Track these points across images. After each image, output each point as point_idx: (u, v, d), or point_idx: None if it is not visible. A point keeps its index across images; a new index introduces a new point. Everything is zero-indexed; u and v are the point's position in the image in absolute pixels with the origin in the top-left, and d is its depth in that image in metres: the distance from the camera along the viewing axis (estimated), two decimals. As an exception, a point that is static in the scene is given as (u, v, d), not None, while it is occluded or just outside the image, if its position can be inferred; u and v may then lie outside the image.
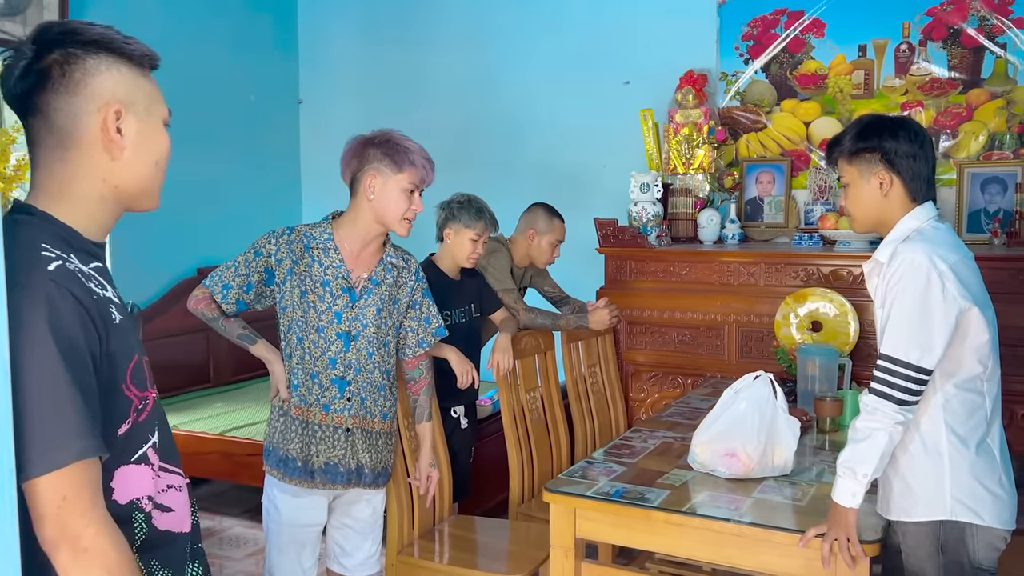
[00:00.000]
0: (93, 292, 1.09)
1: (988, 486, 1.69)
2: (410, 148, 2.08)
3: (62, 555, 1.02)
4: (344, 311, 2.08)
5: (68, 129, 1.12)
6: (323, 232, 2.11)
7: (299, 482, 2.10)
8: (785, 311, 3.09)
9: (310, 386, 2.09)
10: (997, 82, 3.49)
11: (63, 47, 1.12)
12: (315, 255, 2.08)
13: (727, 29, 3.98)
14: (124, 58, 1.15)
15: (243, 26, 4.73)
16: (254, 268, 2.11)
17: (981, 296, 1.71)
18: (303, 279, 2.07)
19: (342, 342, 2.09)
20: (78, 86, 1.11)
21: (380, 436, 2.18)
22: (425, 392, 2.32)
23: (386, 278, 2.15)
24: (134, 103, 1.15)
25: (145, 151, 1.17)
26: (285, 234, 2.12)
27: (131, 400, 1.14)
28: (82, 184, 1.14)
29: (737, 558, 1.92)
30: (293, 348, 2.11)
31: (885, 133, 1.78)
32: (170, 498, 1.23)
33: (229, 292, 2.12)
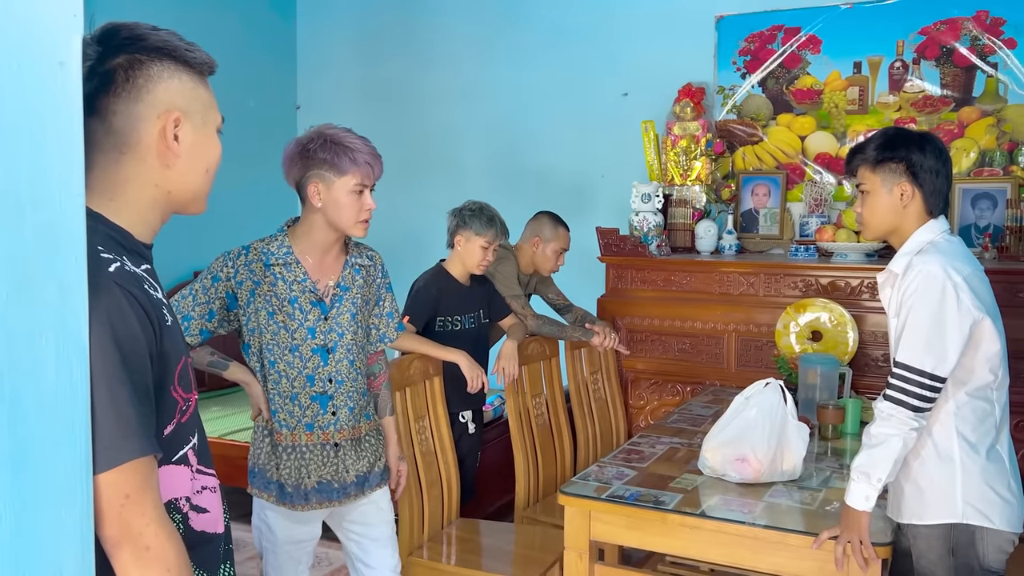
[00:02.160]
0: (148, 293, 1.10)
1: (998, 490, 1.75)
2: (350, 146, 1.94)
3: (124, 553, 1.03)
4: (317, 325, 1.98)
5: (126, 133, 1.13)
6: (280, 246, 1.99)
7: (293, 505, 2.01)
8: (785, 321, 3.15)
9: (291, 409, 1.99)
10: (988, 100, 3.58)
11: (129, 52, 1.12)
12: (277, 272, 1.96)
13: (725, 44, 4.05)
14: (185, 66, 1.16)
15: (242, 32, 4.74)
16: (214, 295, 1.98)
17: (992, 307, 1.78)
18: (268, 299, 1.95)
19: (319, 357, 1.98)
20: (140, 92, 1.12)
21: (370, 436, 2.11)
22: (386, 387, 2.22)
23: (355, 280, 2.05)
24: (192, 111, 1.17)
25: (198, 159, 1.19)
26: (242, 254, 1.99)
27: (177, 401, 1.15)
28: (135, 188, 1.15)
29: (750, 560, 1.97)
30: (267, 372, 1.98)
31: (913, 146, 1.84)
32: (205, 499, 1.25)
33: (191, 323, 1.97)
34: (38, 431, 0.89)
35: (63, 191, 0.92)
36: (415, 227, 4.58)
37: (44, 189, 0.89)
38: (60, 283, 0.91)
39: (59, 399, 0.92)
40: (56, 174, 0.91)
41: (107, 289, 1.04)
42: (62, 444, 0.92)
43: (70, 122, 0.92)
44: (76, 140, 0.93)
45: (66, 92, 0.91)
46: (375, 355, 2.19)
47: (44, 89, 0.89)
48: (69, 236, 0.93)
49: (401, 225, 4.74)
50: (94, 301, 1.00)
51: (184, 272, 4.43)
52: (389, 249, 4.62)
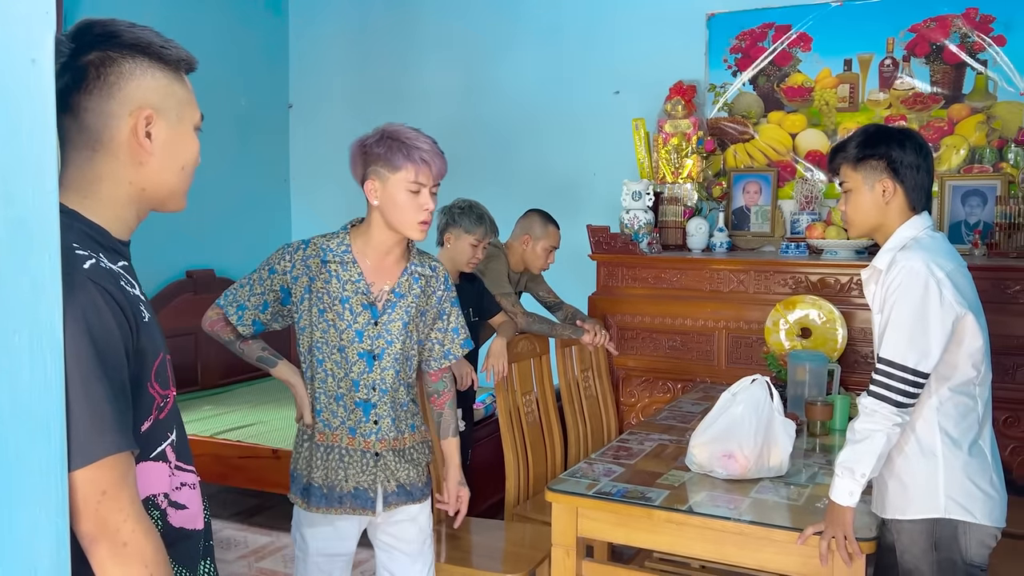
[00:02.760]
0: (125, 290, 1.10)
1: (980, 485, 1.76)
2: (408, 142, 1.88)
3: (101, 549, 1.03)
4: (366, 329, 1.91)
5: (97, 131, 1.12)
6: (340, 244, 1.93)
7: (324, 509, 1.94)
8: (775, 318, 3.16)
9: (334, 409, 1.94)
10: (978, 97, 3.59)
11: (101, 48, 1.11)
12: (332, 269, 1.91)
13: (716, 42, 4.06)
14: (160, 62, 1.15)
15: (234, 31, 4.74)
16: (269, 287, 1.95)
17: (975, 303, 1.79)
18: (321, 296, 1.91)
19: (364, 363, 1.92)
20: (112, 89, 1.11)
21: (415, 449, 2.02)
22: (449, 406, 2.13)
23: (412, 289, 1.97)
24: (166, 109, 1.15)
25: (172, 157, 1.17)
26: (300, 248, 1.94)
27: (154, 398, 1.15)
28: (109, 185, 1.14)
29: (737, 556, 1.97)
30: (315, 370, 1.95)
31: (892, 142, 1.84)
32: (184, 496, 1.25)
33: (244, 313, 1.96)
34: (12, 428, 0.89)
35: (36, 188, 0.92)
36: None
37: (17, 186, 0.89)
38: (33, 280, 0.91)
39: (33, 396, 0.92)
40: (29, 171, 0.91)
41: (82, 286, 1.03)
42: (37, 441, 0.92)
43: (43, 119, 0.92)
44: (49, 137, 0.93)
45: (39, 89, 0.91)
46: (439, 372, 2.10)
47: (16, 86, 0.89)
48: (43, 233, 0.93)
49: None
50: (69, 298, 0.99)
51: (177, 271, 4.43)
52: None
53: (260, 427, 3.78)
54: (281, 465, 3.55)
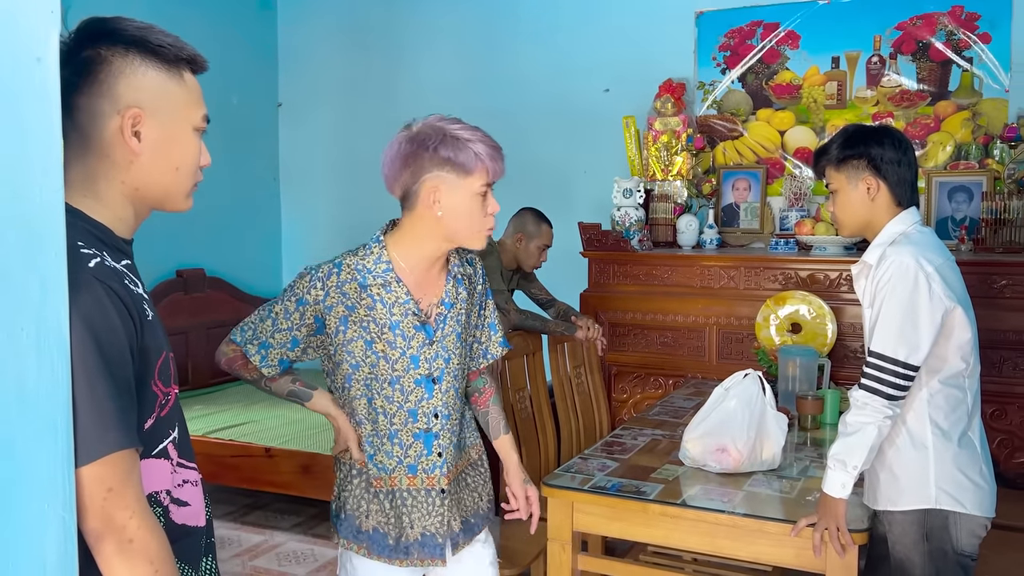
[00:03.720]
0: (129, 288, 1.10)
1: (970, 476, 1.79)
2: (471, 141, 1.65)
3: (107, 546, 1.03)
4: (421, 352, 1.68)
5: (87, 129, 1.11)
6: (378, 261, 1.69)
7: (391, 560, 1.72)
8: (765, 313, 3.18)
9: (389, 449, 1.70)
10: (963, 94, 3.63)
11: (95, 46, 1.11)
12: (375, 293, 1.66)
13: (705, 39, 4.08)
14: (156, 60, 1.14)
15: (223, 29, 4.73)
16: (299, 321, 1.69)
17: (963, 296, 1.81)
18: (366, 326, 1.66)
19: (423, 389, 1.69)
20: (101, 87, 1.10)
21: (471, 469, 1.84)
22: (494, 402, 1.93)
23: (459, 295, 1.75)
24: (158, 109, 1.14)
25: (164, 157, 1.16)
26: (333, 274, 1.68)
27: (156, 396, 1.15)
28: (104, 184, 1.14)
29: (731, 548, 1.99)
30: (362, 413, 1.70)
31: (871, 140, 1.88)
32: (186, 492, 1.26)
33: (270, 352, 1.70)
34: (19, 424, 0.90)
35: (43, 186, 0.92)
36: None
37: (23, 184, 0.90)
38: (41, 278, 0.92)
39: (40, 393, 0.93)
40: (35, 169, 0.91)
41: (87, 285, 1.04)
42: (44, 437, 0.93)
43: (48, 117, 0.93)
44: (55, 135, 0.94)
45: (44, 87, 0.92)
46: (477, 371, 1.91)
47: (22, 85, 0.90)
48: (49, 230, 0.93)
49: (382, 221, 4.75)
50: (75, 296, 1.00)
51: (167, 270, 4.42)
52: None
53: (252, 426, 3.78)
54: (274, 464, 3.56)
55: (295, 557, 3.40)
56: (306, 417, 3.88)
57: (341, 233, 5.02)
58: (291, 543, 3.54)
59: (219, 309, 4.65)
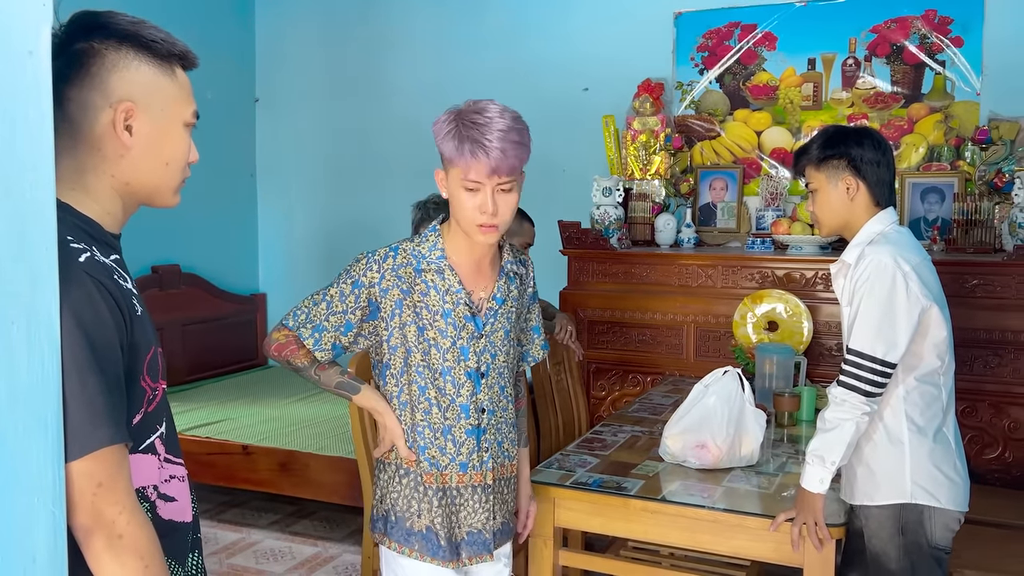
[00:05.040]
0: (119, 283, 1.10)
1: (945, 471, 1.83)
2: (470, 128, 1.57)
3: (97, 542, 1.03)
4: (471, 344, 1.67)
5: (78, 121, 1.11)
6: (433, 248, 1.68)
7: (444, 562, 1.68)
8: (743, 311, 3.22)
9: (443, 445, 1.68)
10: (936, 97, 3.69)
11: (87, 39, 1.10)
12: (429, 279, 1.66)
13: (683, 40, 4.11)
14: (149, 55, 1.13)
15: (200, 24, 4.68)
16: (353, 303, 1.67)
17: (939, 295, 1.85)
18: (419, 312, 1.66)
19: (472, 383, 1.68)
20: (94, 80, 1.10)
21: (512, 477, 1.82)
22: (521, 413, 1.89)
23: (510, 292, 1.74)
24: (149, 103, 1.14)
25: (155, 152, 1.16)
26: (390, 256, 1.68)
27: (144, 391, 1.15)
28: (93, 178, 1.14)
29: (710, 543, 2.02)
30: (415, 401, 1.68)
31: (851, 141, 1.91)
32: (173, 488, 1.25)
33: (323, 335, 1.68)
34: (10, 419, 0.89)
35: (34, 180, 0.92)
36: (377, 220, 4.58)
37: (14, 178, 0.89)
38: (31, 272, 0.92)
39: (31, 387, 0.92)
40: (26, 163, 0.91)
41: (78, 280, 1.03)
42: (34, 432, 0.93)
43: (40, 111, 0.92)
44: (46, 129, 0.93)
45: (35, 81, 0.92)
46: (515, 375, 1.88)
47: (13, 78, 0.89)
48: (40, 225, 0.93)
49: (363, 218, 4.74)
50: (65, 292, 1.00)
51: (142, 267, 4.37)
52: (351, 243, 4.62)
53: (229, 423, 3.76)
54: (251, 461, 3.53)
55: (272, 555, 3.39)
56: (284, 414, 3.87)
57: (318, 229, 5.00)
58: (268, 541, 3.52)
59: (194, 306, 4.61)
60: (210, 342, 4.64)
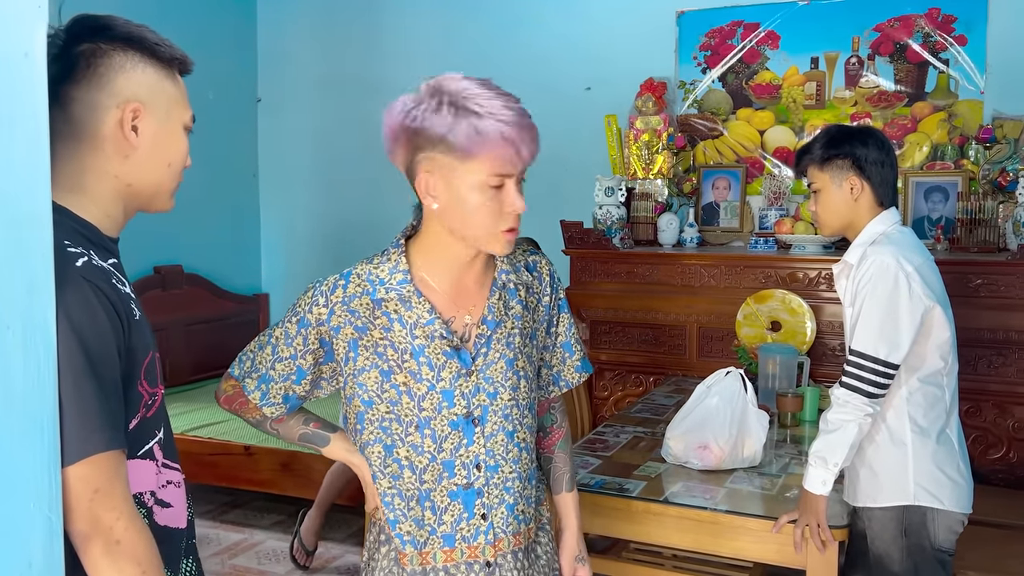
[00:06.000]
0: (116, 288, 1.10)
1: (948, 473, 1.82)
2: (478, 108, 1.25)
3: (94, 548, 1.02)
4: (456, 386, 1.30)
5: (84, 122, 1.11)
6: (394, 271, 1.32)
7: None
8: (746, 311, 3.21)
9: (419, 516, 1.32)
10: (940, 96, 3.68)
11: (93, 40, 1.11)
12: (391, 311, 1.31)
13: (685, 39, 4.10)
14: (152, 58, 1.15)
15: (201, 23, 4.68)
16: (302, 347, 1.35)
17: (942, 296, 1.84)
18: (381, 353, 1.31)
19: (460, 433, 1.31)
20: (101, 80, 1.11)
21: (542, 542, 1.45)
22: (562, 447, 1.53)
23: (509, 308, 1.36)
24: (155, 104, 1.15)
25: (159, 153, 1.17)
26: (339, 287, 1.33)
27: (142, 396, 1.15)
28: (94, 179, 1.14)
29: (713, 545, 2.01)
30: (378, 466, 1.34)
31: (855, 141, 1.90)
32: (170, 494, 1.25)
33: (271, 387, 1.38)
34: (6, 424, 0.89)
35: (29, 184, 0.92)
36: (380, 220, 4.57)
37: (9, 182, 0.89)
38: (27, 277, 0.91)
39: (27, 392, 0.92)
40: (22, 166, 0.90)
41: (75, 284, 1.03)
42: (30, 437, 0.92)
43: (35, 114, 0.92)
44: (42, 132, 0.93)
45: (31, 83, 0.91)
46: (547, 402, 1.53)
47: (8, 80, 0.88)
48: (36, 229, 0.93)
49: (365, 218, 4.74)
50: (62, 296, 1.00)
51: (144, 267, 4.37)
52: (354, 243, 4.63)
53: (231, 424, 3.75)
54: (253, 462, 3.54)
55: (274, 556, 3.39)
56: (286, 415, 3.86)
57: (321, 229, 5.00)
58: (270, 541, 3.52)
59: (197, 306, 4.61)
60: (213, 342, 4.64)
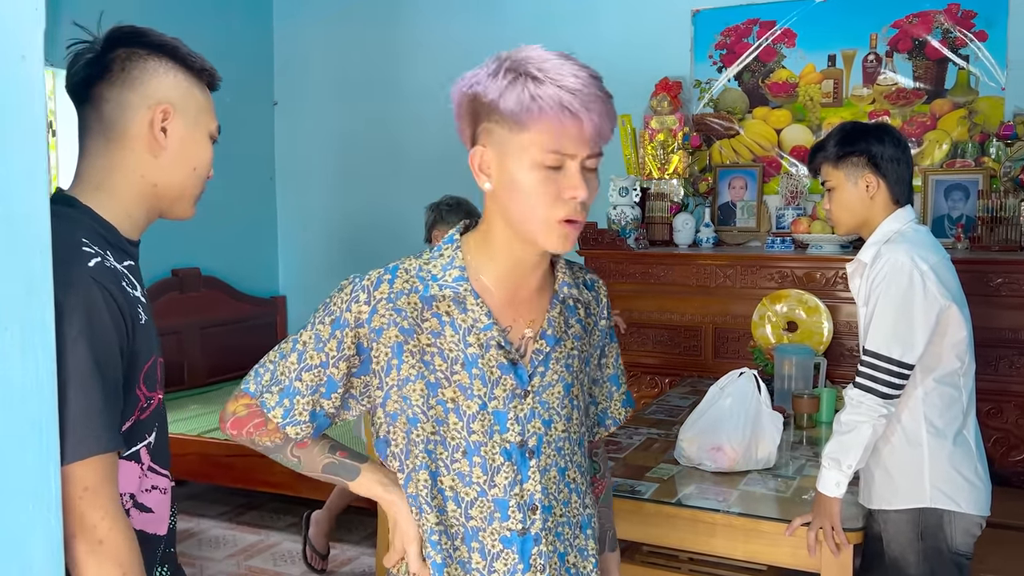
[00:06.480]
0: (125, 291, 1.12)
1: (965, 475, 1.79)
2: (540, 74, 1.06)
3: (78, 546, 1.03)
4: (510, 407, 1.12)
5: (115, 120, 1.17)
6: (449, 267, 1.14)
7: None
8: (761, 312, 3.18)
9: (464, 558, 1.13)
10: (960, 93, 3.63)
11: (128, 45, 1.17)
12: (443, 312, 1.13)
13: (701, 38, 4.08)
14: (184, 67, 1.21)
15: (218, 28, 4.71)
16: (335, 352, 1.15)
17: (959, 295, 1.81)
18: (427, 361, 1.12)
19: (515, 466, 1.12)
20: (134, 82, 1.17)
21: None
22: (604, 502, 1.36)
23: (569, 326, 1.19)
24: (184, 109, 1.20)
25: (185, 155, 1.22)
26: (384, 281, 1.15)
27: (138, 399, 1.17)
28: (120, 177, 1.18)
29: (726, 548, 1.99)
30: (426, 496, 1.14)
31: (871, 138, 1.87)
32: (152, 499, 1.25)
33: (296, 403, 1.17)
34: (4, 425, 0.89)
35: (27, 185, 0.91)
36: (397, 222, 4.58)
37: (8, 183, 0.89)
38: (26, 277, 0.91)
39: (26, 393, 0.91)
40: (20, 168, 0.90)
41: (84, 284, 1.05)
42: (28, 438, 0.92)
43: (33, 115, 0.92)
44: (39, 133, 0.93)
45: (29, 85, 0.91)
46: (593, 443, 1.35)
47: (6, 83, 0.89)
48: (34, 230, 0.92)
49: (382, 220, 4.75)
50: (70, 295, 1.02)
51: (162, 270, 4.41)
52: (371, 245, 4.64)
53: (248, 425, 3.77)
54: (269, 463, 3.53)
55: (290, 557, 3.40)
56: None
57: (338, 231, 5.01)
58: (286, 543, 3.53)
59: (214, 309, 4.64)
60: (230, 344, 4.67)
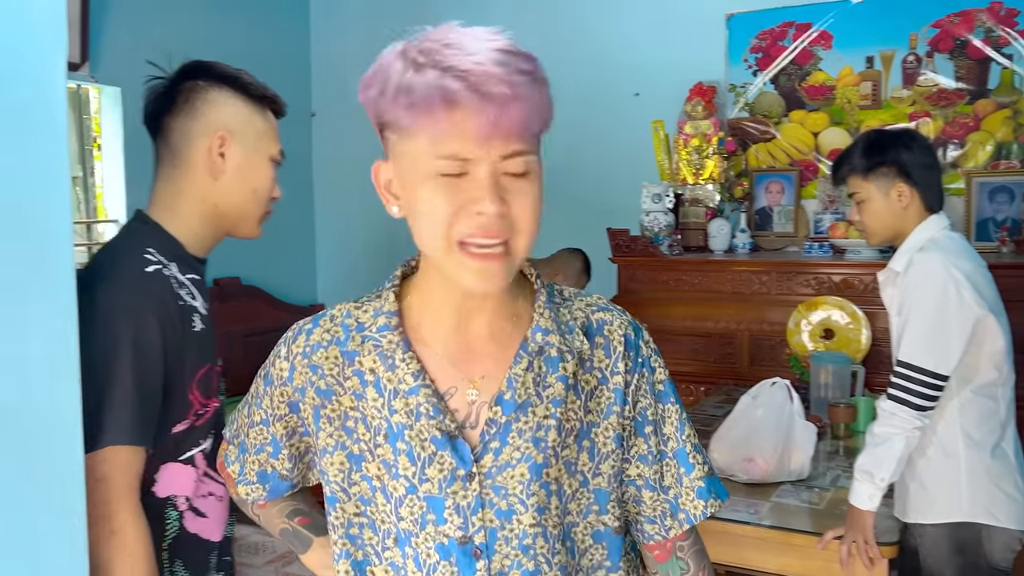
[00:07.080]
0: (181, 298, 1.19)
1: (1004, 488, 1.74)
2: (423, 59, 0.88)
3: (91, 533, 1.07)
4: (448, 493, 0.88)
5: (180, 149, 1.26)
6: (379, 312, 0.92)
7: None
8: (797, 319, 3.13)
9: None
10: (1004, 92, 3.53)
11: (194, 78, 1.26)
12: (366, 370, 0.91)
13: (735, 41, 4.03)
14: (244, 95, 1.29)
15: (255, 38, 4.78)
16: (271, 411, 0.99)
17: (996, 304, 1.76)
18: (350, 428, 0.92)
19: (453, 568, 0.88)
20: (196, 112, 1.25)
21: None
22: None
23: (546, 384, 0.91)
24: (243, 134, 1.28)
25: (244, 178, 1.29)
26: (303, 332, 0.97)
27: (192, 404, 1.23)
28: (186, 200, 1.27)
29: (756, 560, 1.96)
30: None
31: (899, 146, 1.83)
32: (208, 504, 1.29)
33: (247, 460, 1.03)
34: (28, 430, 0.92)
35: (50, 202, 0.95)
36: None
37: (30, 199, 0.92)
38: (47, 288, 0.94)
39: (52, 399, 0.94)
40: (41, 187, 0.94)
41: (137, 288, 1.14)
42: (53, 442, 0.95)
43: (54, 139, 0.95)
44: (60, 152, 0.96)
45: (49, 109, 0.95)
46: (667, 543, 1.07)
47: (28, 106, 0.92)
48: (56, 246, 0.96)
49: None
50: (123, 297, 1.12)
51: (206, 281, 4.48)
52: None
53: (286, 433, 3.82)
54: (307, 470, 3.58)
55: (327, 564, 3.42)
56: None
57: (375, 240, 5.05)
58: (324, 549, 3.56)
59: (255, 317, 4.71)
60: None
